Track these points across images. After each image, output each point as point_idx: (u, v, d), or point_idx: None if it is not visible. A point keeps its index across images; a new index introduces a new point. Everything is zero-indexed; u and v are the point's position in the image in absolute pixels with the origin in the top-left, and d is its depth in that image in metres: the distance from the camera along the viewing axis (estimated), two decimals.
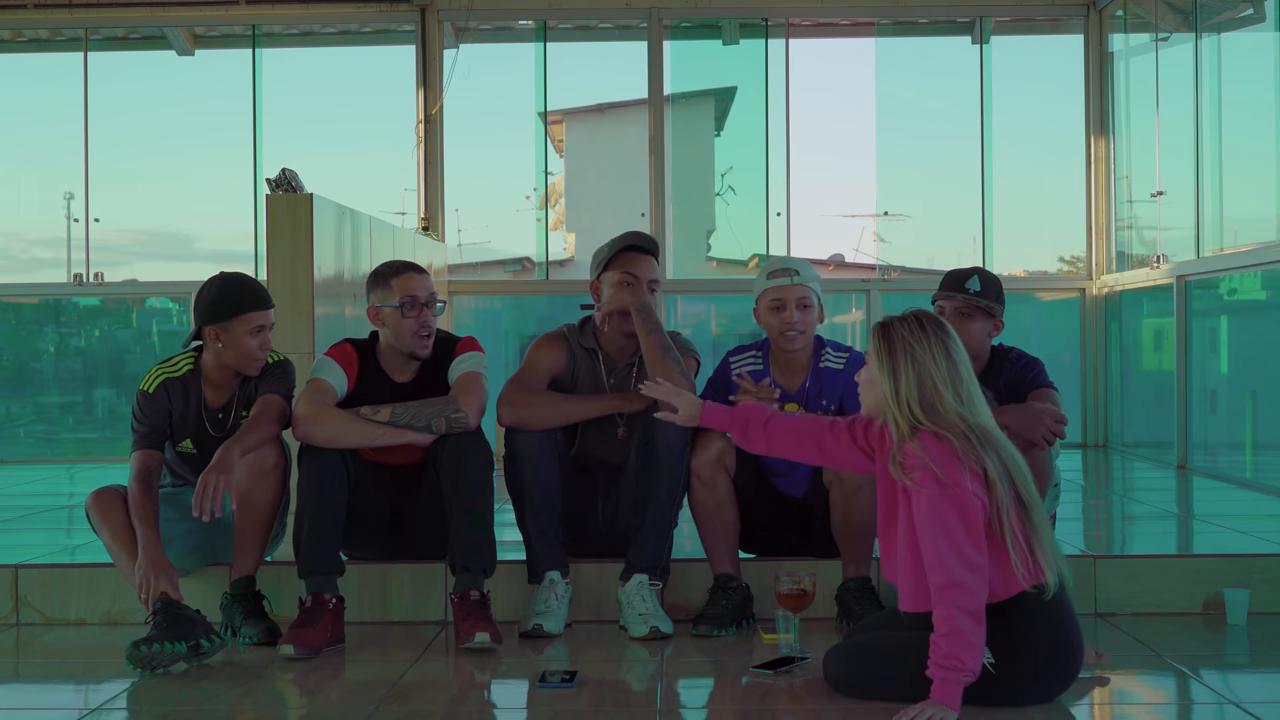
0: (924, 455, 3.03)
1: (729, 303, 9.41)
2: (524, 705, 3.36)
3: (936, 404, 3.07)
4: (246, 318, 3.94)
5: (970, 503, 3.01)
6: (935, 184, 9.79)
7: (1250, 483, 6.80)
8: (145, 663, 3.53)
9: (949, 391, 3.07)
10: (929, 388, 3.07)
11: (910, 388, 3.08)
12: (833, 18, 9.34)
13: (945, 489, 3.00)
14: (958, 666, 2.97)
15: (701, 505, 4.03)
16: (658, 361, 3.99)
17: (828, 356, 4.13)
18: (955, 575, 2.98)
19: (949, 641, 2.98)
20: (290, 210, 5.80)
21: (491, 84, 9.48)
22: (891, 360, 3.11)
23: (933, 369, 3.08)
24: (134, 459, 3.92)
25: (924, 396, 3.07)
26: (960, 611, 2.97)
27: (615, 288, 4.11)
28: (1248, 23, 7.42)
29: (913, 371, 3.08)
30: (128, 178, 9.75)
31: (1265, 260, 6.74)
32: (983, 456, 3.04)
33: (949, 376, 3.08)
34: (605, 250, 4.18)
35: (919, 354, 3.09)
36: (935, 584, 3.00)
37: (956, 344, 3.14)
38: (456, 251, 9.38)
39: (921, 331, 3.11)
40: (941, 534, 2.99)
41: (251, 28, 9.23)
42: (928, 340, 3.10)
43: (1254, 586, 4.10)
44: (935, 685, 2.99)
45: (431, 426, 3.90)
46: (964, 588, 2.98)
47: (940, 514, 3.00)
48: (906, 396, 3.08)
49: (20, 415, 9.75)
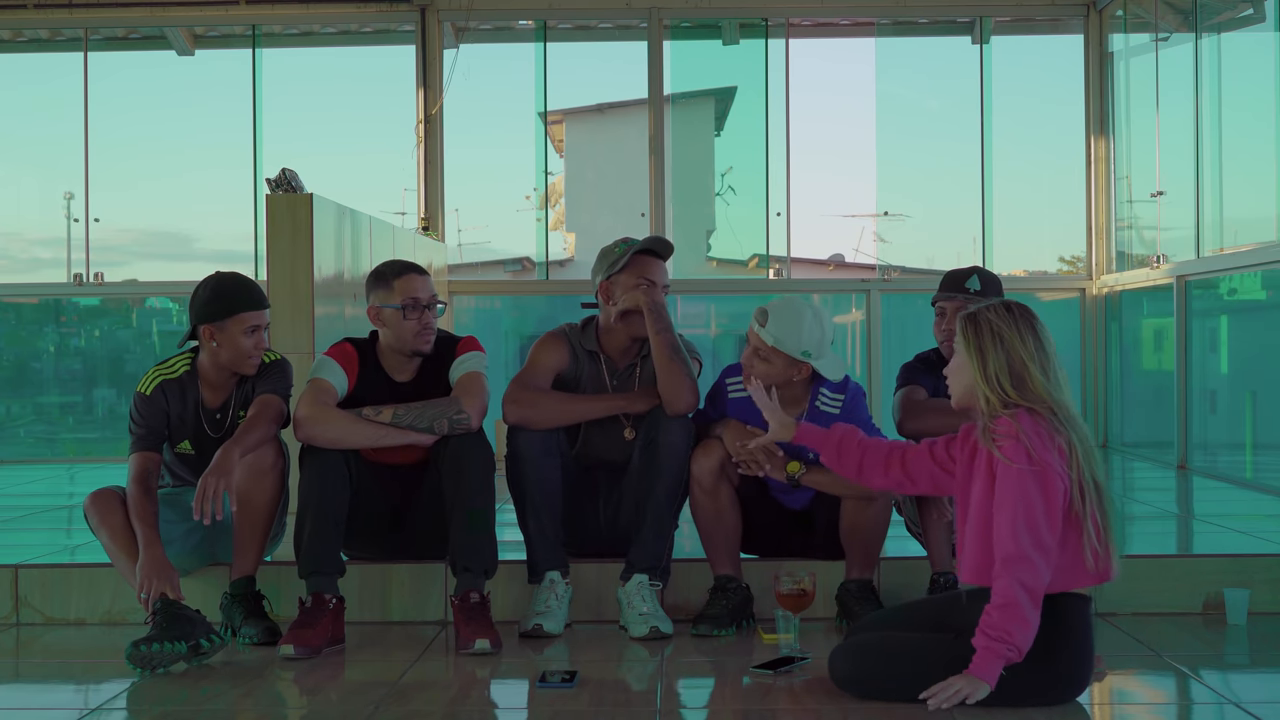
0: (1018, 426, 3.07)
1: (729, 303, 9.41)
2: (524, 705, 3.36)
3: (1026, 380, 3.13)
4: (241, 317, 3.94)
5: (1055, 483, 3.06)
6: (935, 184, 9.79)
7: (1250, 483, 6.80)
8: (145, 663, 3.53)
9: (1037, 369, 3.13)
10: (1018, 364, 3.14)
11: (1000, 365, 3.14)
12: (833, 18, 9.34)
13: (1034, 464, 3.04)
14: (1005, 639, 2.99)
15: (703, 511, 4.02)
16: (666, 362, 3.98)
17: (824, 399, 3.96)
18: (1024, 549, 3.01)
19: (1003, 614, 3.00)
20: (290, 210, 5.80)
21: (491, 84, 9.49)
22: (979, 341, 3.18)
23: (1020, 348, 3.14)
24: (132, 461, 3.92)
25: (1014, 373, 3.13)
26: (1021, 586, 3.00)
27: (631, 291, 4.07)
28: (1248, 23, 7.42)
29: (1001, 350, 3.15)
30: (128, 178, 9.76)
31: (1265, 260, 6.74)
32: (1069, 434, 3.09)
33: (1036, 355, 3.14)
34: (618, 252, 4.12)
35: (1007, 334, 3.15)
36: (1002, 554, 3.03)
37: (1043, 327, 3.20)
38: (456, 251, 9.38)
39: (1008, 314, 3.18)
40: (1021, 508, 3.03)
41: (251, 28, 9.23)
42: (1014, 321, 3.17)
43: (1254, 586, 4.10)
44: (978, 656, 3.01)
45: (434, 427, 3.90)
46: (1030, 563, 3.01)
47: (1024, 488, 3.04)
48: (996, 373, 3.14)
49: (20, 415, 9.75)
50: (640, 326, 4.08)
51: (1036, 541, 3.02)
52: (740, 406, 4.00)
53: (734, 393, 4.03)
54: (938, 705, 3.03)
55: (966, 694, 3.02)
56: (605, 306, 4.15)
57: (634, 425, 4.15)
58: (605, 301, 4.14)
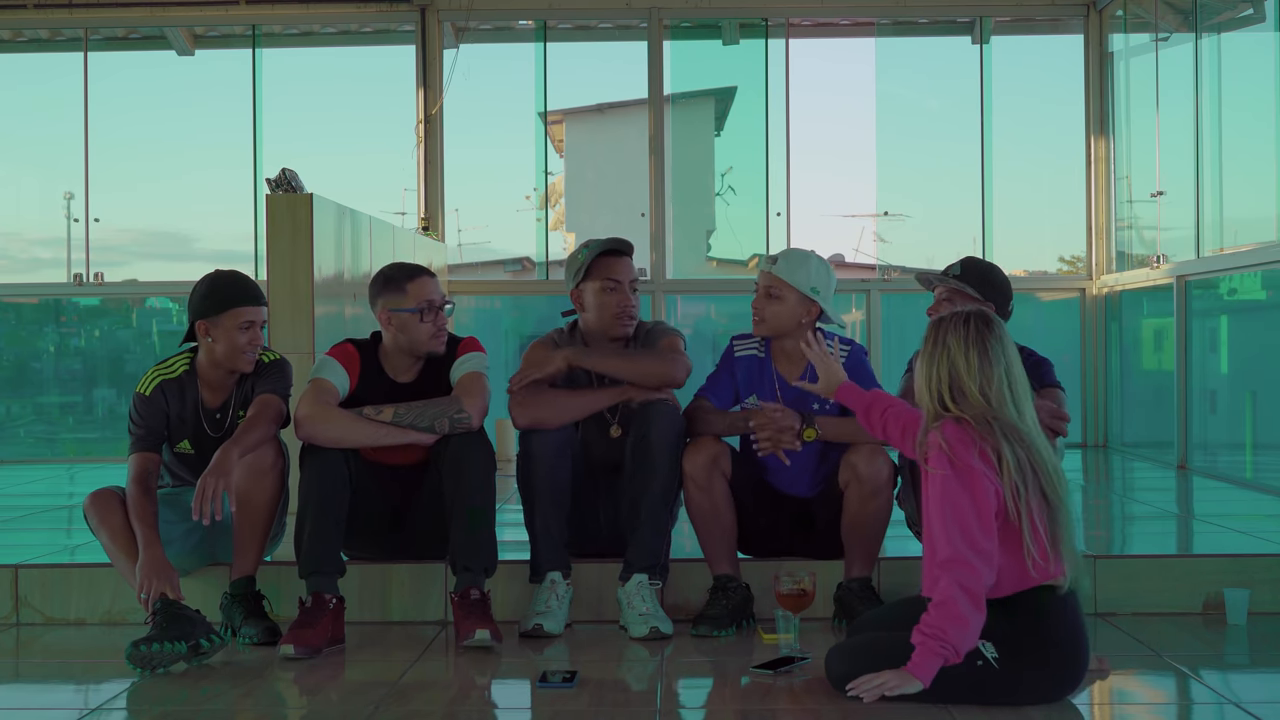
0: (941, 438, 3.11)
1: (729, 303, 9.41)
2: (524, 705, 3.36)
3: (965, 394, 3.16)
4: (236, 312, 3.94)
5: (981, 485, 3.08)
6: (935, 184, 9.79)
7: (1250, 483, 6.80)
8: (145, 663, 3.53)
9: (974, 384, 3.15)
10: (957, 378, 3.17)
11: (940, 377, 3.19)
12: (833, 18, 9.34)
13: (957, 470, 3.08)
14: (939, 637, 3.04)
15: (698, 508, 4.02)
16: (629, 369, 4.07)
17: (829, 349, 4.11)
18: (959, 551, 3.05)
19: (939, 611, 3.05)
20: (290, 210, 5.80)
21: (491, 84, 9.49)
22: (929, 350, 3.23)
23: (961, 363, 3.17)
24: (132, 461, 3.92)
25: (953, 385, 3.17)
26: (959, 587, 3.04)
27: (598, 295, 4.16)
28: (1248, 23, 7.42)
29: (945, 362, 3.19)
30: (128, 178, 9.75)
31: (1265, 260, 6.74)
32: (999, 443, 3.10)
33: (978, 371, 3.16)
34: (580, 258, 4.20)
35: (954, 348, 3.19)
36: (939, 558, 3.07)
37: (997, 342, 3.20)
38: (456, 251, 9.38)
39: (964, 326, 3.21)
40: (950, 513, 3.07)
41: (251, 28, 9.23)
42: (966, 334, 3.19)
43: (1254, 586, 4.10)
44: (915, 653, 3.07)
45: (435, 427, 3.90)
46: (967, 564, 3.04)
47: (950, 494, 3.08)
48: (936, 386, 3.19)
49: (20, 415, 9.74)
50: (615, 329, 4.17)
51: (971, 544, 3.05)
52: (747, 365, 4.13)
53: (740, 352, 4.16)
54: (861, 694, 3.11)
55: (893, 686, 3.07)
56: (582, 313, 4.24)
57: (621, 423, 4.17)
58: (579, 308, 4.24)
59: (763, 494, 4.15)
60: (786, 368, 4.12)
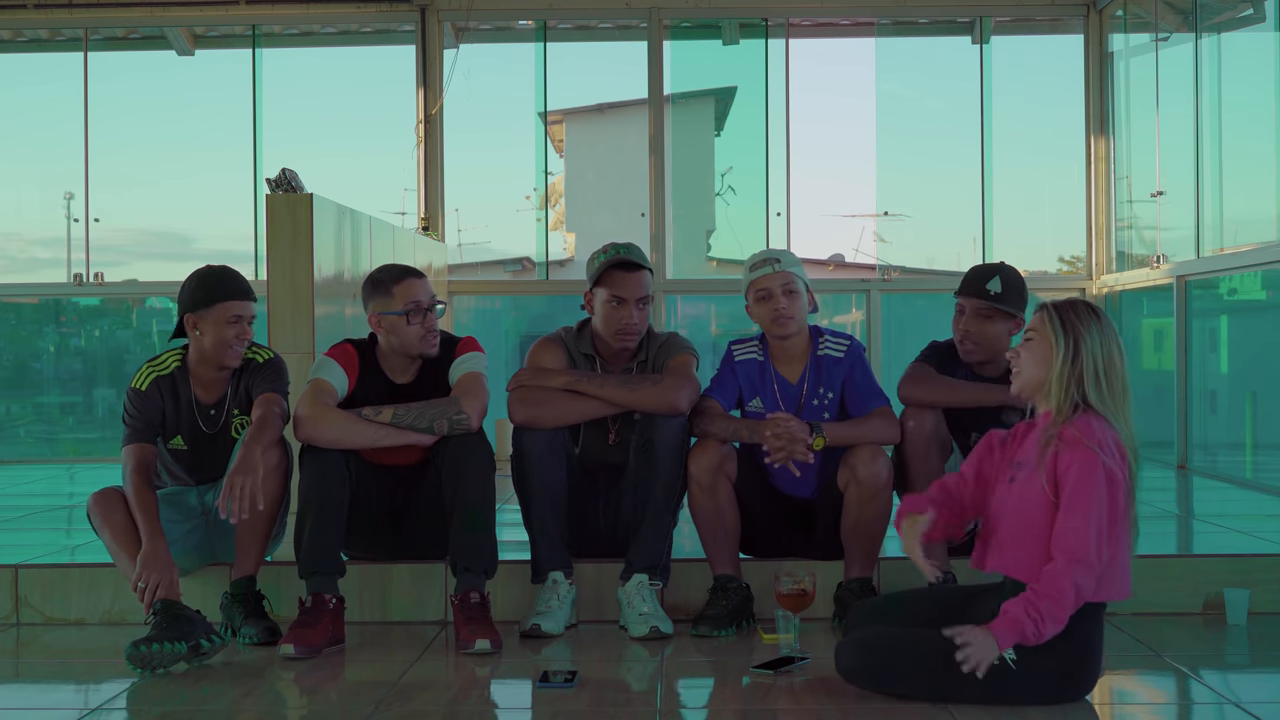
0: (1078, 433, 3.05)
1: (729, 303, 9.41)
2: (525, 705, 3.36)
3: (1114, 386, 3.13)
4: (224, 306, 3.94)
5: (1121, 490, 3.05)
6: (935, 184, 9.79)
7: (1250, 483, 6.80)
8: (145, 663, 3.53)
9: (1118, 380, 3.13)
10: (1109, 369, 3.13)
11: (1085, 368, 3.12)
12: (833, 18, 9.34)
13: (1108, 470, 3.03)
14: (1036, 620, 2.99)
15: (701, 510, 4.02)
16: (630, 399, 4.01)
17: (826, 344, 4.12)
18: (1091, 554, 3.00)
19: (1048, 602, 2.99)
20: (290, 210, 5.80)
21: (491, 84, 9.49)
22: (1069, 340, 3.14)
23: (1101, 355, 3.13)
24: (129, 452, 3.91)
25: (1098, 376, 3.12)
26: (1076, 588, 2.99)
27: (604, 305, 4.12)
28: (1248, 23, 7.42)
29: (1086, 354, 3.13)
30: (127, 178, 9.75)
31: (1265, 260, 6.75)
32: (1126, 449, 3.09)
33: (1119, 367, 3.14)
34: (597, 262, 4.16)
35: (1092, 340, 3.13)
36: (1071, 554, 3.00)
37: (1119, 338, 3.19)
38: (456, 251, 9.38)
39: (1095, 320, 3.16)
40: (1096, 512, 3.01)
41: (251, 28, 9.23)
42: (1101, 328, 3.15)
43: (1254, 586, 4.10)
44: (1004, 619, 3.00)
45: (434, 428, 3.90)
46: (1092, 571, 3.01)
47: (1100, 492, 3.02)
48: (1082, 373, 3.12)
49: (20, 415, 9.75)
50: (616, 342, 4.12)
51: (1100, 550, 3.02)
52: (747, 369, 4.15)
53: (740, 356, 4.16)
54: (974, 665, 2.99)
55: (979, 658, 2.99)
56: (591, 315, 4.21)
57: (619, 430, 4.17)
58: (589, 310, 4.21)
59: (765, 495, 4.15)
60: (786, 368, 4.12)
